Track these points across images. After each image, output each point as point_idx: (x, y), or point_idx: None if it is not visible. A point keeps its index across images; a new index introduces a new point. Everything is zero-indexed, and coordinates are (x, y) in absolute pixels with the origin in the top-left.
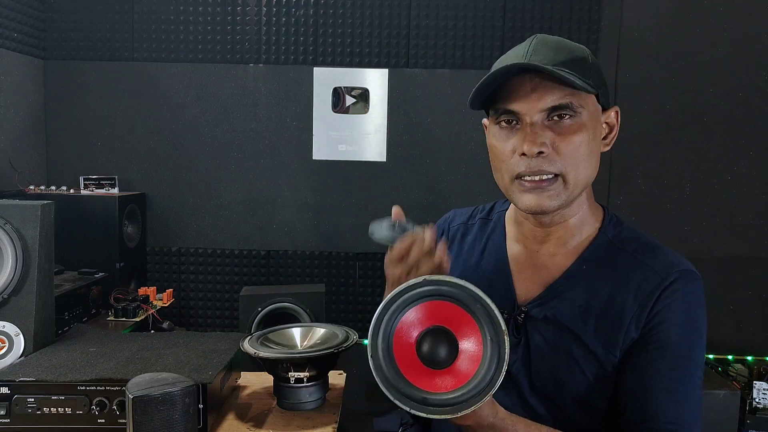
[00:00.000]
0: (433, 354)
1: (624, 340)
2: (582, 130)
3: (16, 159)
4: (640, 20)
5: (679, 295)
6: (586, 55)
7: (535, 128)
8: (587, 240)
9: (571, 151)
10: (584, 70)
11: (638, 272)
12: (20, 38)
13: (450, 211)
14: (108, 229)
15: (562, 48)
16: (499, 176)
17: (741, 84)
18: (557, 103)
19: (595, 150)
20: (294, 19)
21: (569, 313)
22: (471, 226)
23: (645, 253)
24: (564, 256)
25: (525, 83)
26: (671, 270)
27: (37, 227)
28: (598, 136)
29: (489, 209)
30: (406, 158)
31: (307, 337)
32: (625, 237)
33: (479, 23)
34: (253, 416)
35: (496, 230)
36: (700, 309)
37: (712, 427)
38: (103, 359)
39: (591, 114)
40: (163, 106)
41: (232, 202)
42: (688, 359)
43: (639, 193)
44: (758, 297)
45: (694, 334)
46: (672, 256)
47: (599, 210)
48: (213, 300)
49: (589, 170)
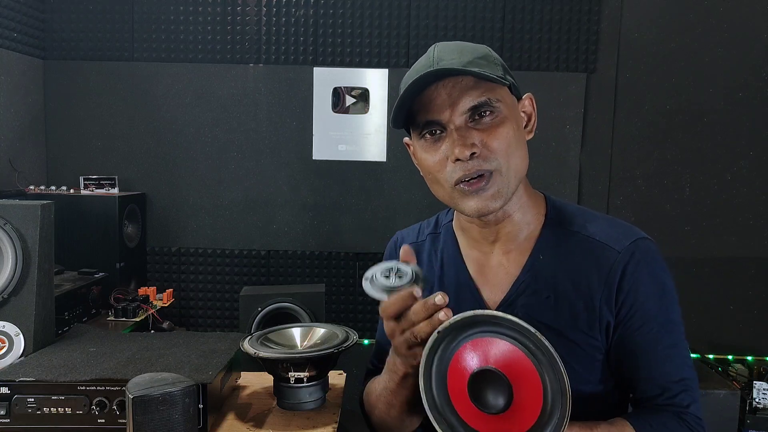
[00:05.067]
0: (489, 399)
1: (600, 322)
2: (505, 122)
3: (16, 159)
4: (640, 20)
5: (643, 265)
6: (488, 51)
7: (461, 131)
8: (536, 229)
9: (501, 145)
10: (492, 65)
11: (594, 251)
12: (20, 38)
13: (395, 234)
14: (108, 229)
15: (465, 49)
16: (438, 188)
17: (741, 84)
18: (475, 102)
19: (521, 140)
20: (294, 19)
21: (538, 307)
22: (422, 244)
23: (592, 228)
24: (518, 252)
25: (439, 91)
26: (625, 242)
27: (37, 227)
28: (521, 126)
29: (434, 223)
30: (406, 158)
31: (307, 337)
32: (569, 218)
33: (479, 23)
34: (253, 416)
35: (448, 242)
36: (663, 271)
37: (712, 427)
38: (103, 359)
39: (509, 106)
40: (163, 106)
41: (232, 202)
42: (671, 322)
43: (639, 193)
44: (758, 297)
45: (667, 297)
46: (622, 227)
47: (540, 198)
48: (213, 300)
49: (519, 160)
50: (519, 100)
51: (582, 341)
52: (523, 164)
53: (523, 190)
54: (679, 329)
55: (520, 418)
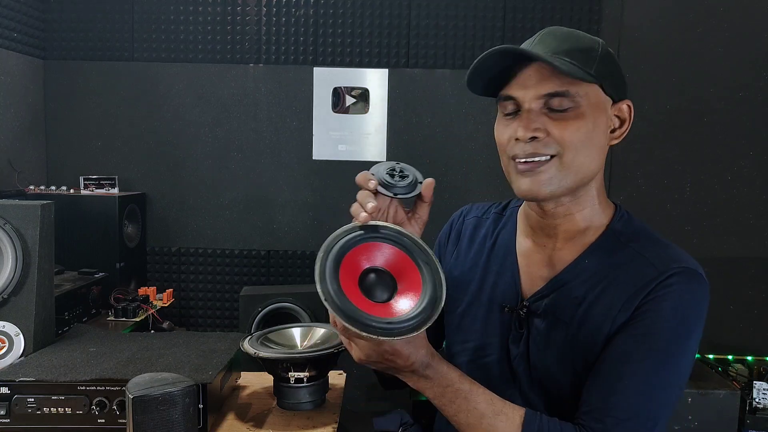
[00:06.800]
0: (375, 288)
1: (610, 329)
2: (580, 118)
3: (16, 159)
4: (640, 20)
5: (673, 290)
6: (595, 46)
7: (531, 114)
8: (594, 235)
9: (567, 135)
10: (587, 60)
11: (637, 266)
12: (20, 38)
13: (467, 205)
14: (108, 229)
15: (568, 38)
16: (502, 161)
17: (741, 84)
18: (554, 90)
19: (596, 140)
20: (294, 19)
21: (565, 306)
22: (484, 221)
23: (648, 247)
24: (570, 251)
25: (525, 70)
26: (671, 265)
27: (37, 227)
28: (602, 127)
29: (504, 205)
30: (406, 158)
31: (307, 337)
32: (631, 233)
33: (479, 23)
34: (253, 416)
35: (508, 225)
36: (693, 310)
37: (712, 427)
38: (103, 359)
39: (592, 104)
40: (163, 106)
41: (232, 202)
42: (667, 354)
43: (639, 193)
44: (758, 297)
45: (678, 332)
46: (677, 253)
47: (611, 206)
48: (213, 300)
49: (589, 158)
50: (615, 102)
51: (588, 345)
52: (592, 164)
53: (596, 195)
54: (674, 369)
55: (402, 304)
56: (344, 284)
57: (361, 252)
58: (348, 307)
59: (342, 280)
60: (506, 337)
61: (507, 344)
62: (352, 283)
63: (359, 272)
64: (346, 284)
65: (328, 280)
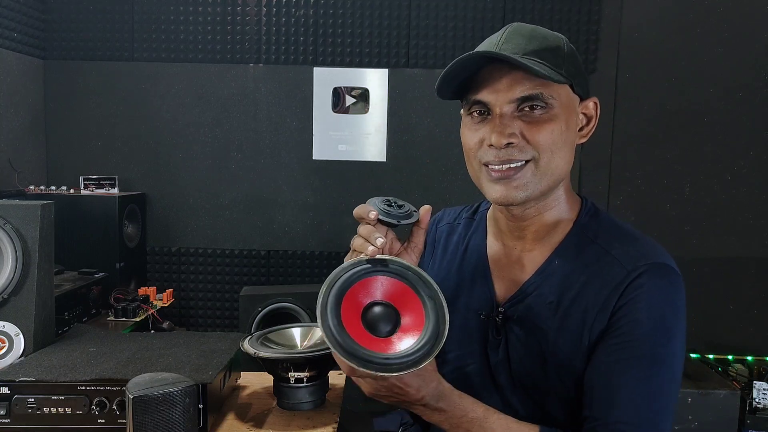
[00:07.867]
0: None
1: (589, 337)
2: (553, 120)
3: (16, 159)
4: (640, 20)
5: (643, 290)
6: (561, 44)
7: (504, 119)
8: (563, 233)
9: (542, 139)
10: (557, 60)
11: (606, 266)
12: (20, 38)
13: (441, 210)
14: (108, 229)
15: (535, 37)
16: (470, 166)
17: (741, 84)
18: (527, 94)
19: (568, 141)
20: (294, 19)
21: (540, 310)
22: (456, 226)
23: (615, 244)
24: (540, 252)
25: (495, 73)
26: (639, 263)
27: (37, 227)
28: (572, 127)
29: (474, 208)
30: (406, 158)
31: (307, 337)
32: (597, 228)
33: (479, 23)
34: (253, 416)
35: (478, 229)
36: (669, 307)
37: (712, 427)
38: (103, 359)
39: (564, 104)
40: (163, 106)
41: (232, 202)
42: (652, 359)
43: (639, 193)
44: (758, 297)
45: (658, 334)
46: (645, 247)
47: (577, 201)
48: (213, 300)
49: (562, 161)
50: (583, 99)
51: (568, 352)
52: (565, 166)
53: (563, 193)
54: (661, 371)
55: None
56: (346, 318)
57: (365, 286)
58: (347, 343)
59: (344, 315)
60: (484, 345)
61: (486, 351)
62: (354, 317)
63: (362, 306)
64: (348, 318)
65: (329, 315)
